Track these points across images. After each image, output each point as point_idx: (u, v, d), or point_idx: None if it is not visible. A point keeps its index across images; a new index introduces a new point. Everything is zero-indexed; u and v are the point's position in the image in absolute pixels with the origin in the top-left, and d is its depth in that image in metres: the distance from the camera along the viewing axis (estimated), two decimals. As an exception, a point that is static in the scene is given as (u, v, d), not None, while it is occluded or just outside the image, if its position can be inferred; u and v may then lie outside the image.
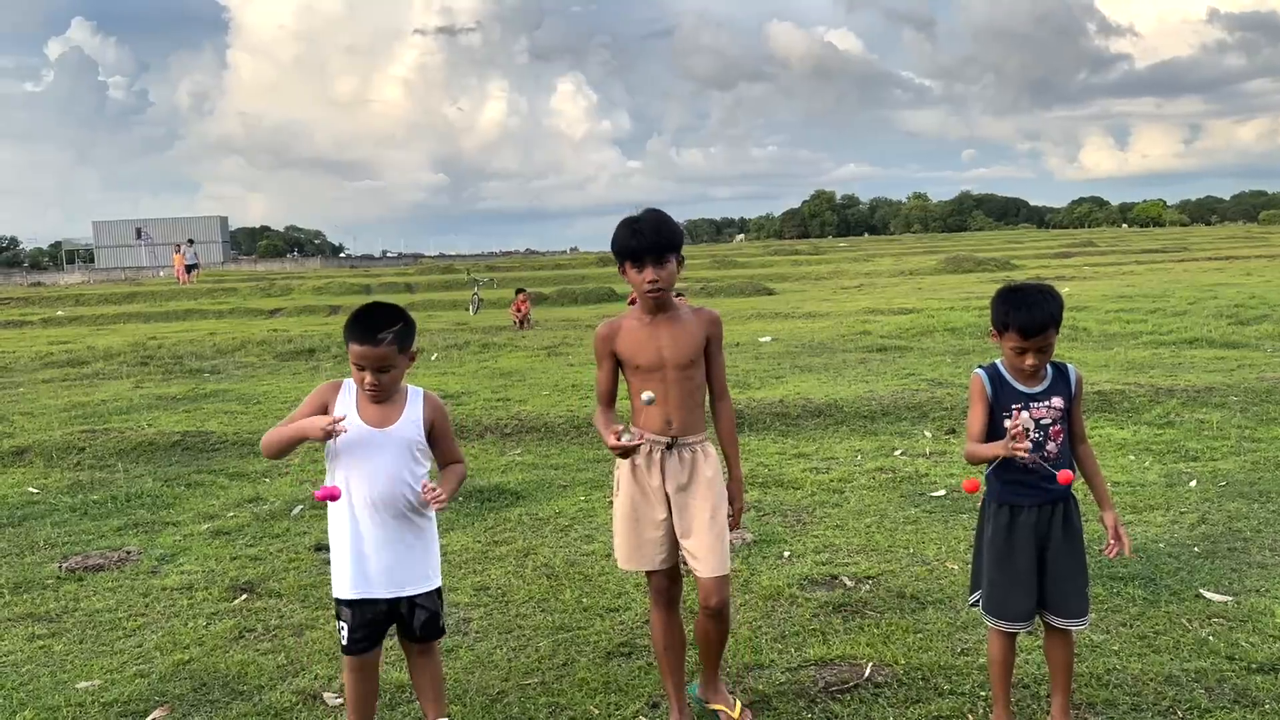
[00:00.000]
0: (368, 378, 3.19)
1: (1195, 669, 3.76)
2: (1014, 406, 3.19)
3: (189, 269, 39.37)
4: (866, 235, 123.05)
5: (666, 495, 3.36)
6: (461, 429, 8.95)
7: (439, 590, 3.38)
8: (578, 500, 6.63)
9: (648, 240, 3.23)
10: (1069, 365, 3.31)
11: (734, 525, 3.42)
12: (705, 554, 3.33)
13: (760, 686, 3.78)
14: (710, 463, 3.39)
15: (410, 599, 3.29)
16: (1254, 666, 3.76)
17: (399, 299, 24.14)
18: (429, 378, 11.90)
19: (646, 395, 3.27)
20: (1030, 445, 3.09)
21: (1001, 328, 3.19)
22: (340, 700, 3.83)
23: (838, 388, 9.96)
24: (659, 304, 3.33)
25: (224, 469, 8.00)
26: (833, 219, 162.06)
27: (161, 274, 49.30)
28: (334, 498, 3.17)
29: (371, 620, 3.27)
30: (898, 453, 7.57)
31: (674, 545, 3.42)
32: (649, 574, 3.47)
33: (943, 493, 6.37)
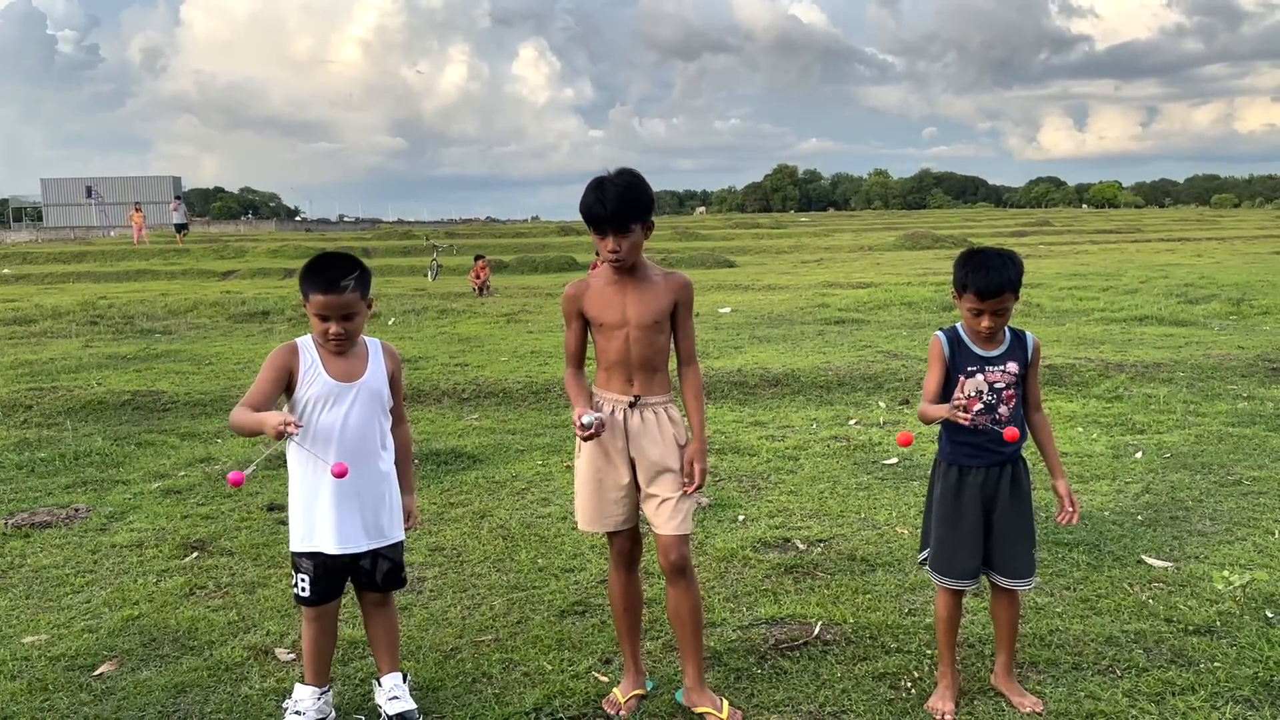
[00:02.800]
0: (332, 328, 3.13)
1: (1135, 630, 3.86)
2: (969, 369, 3.24)
3: (179, 228, 37.24)
4: (831, 210, 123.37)
5: (630, 458, 3.34)
6: (419, 393, 8.91)
7: (401, 542, 3.39)
8: (535, 464, 6.63)
9: (610, 210, 3.13)
10: (1028, 333, 3.35)
11: (697, 486, 3.33)
12: (668, 512, 3.30)
13: (712, 644, 3.82)
14: (677, 425, 3.36)
15: (374, 550, 3.28)
16: (1191, 628, 3.86)
17: (357, 263, 23.76)
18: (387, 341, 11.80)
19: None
20: (970, 417, 3.13)
21: (961, 289, 3.23)
22: (292, 655, 3.82)
23: (795, 358, 10.03)
24: (621, 270, 3.29)
25: (175, 429, 7.89)
26: (795, 193, 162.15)
27: (113, 234, 48.06)
28: (344, 474, 3.00)
29: (334, 571, 3.26)
30: (852, 422, 7.65)
31: (635, 507, 3.41)
32: (610, 536, 3.46)
33: (895, 460, 6.45)
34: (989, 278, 3.15)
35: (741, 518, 5.39)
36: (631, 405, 3.32)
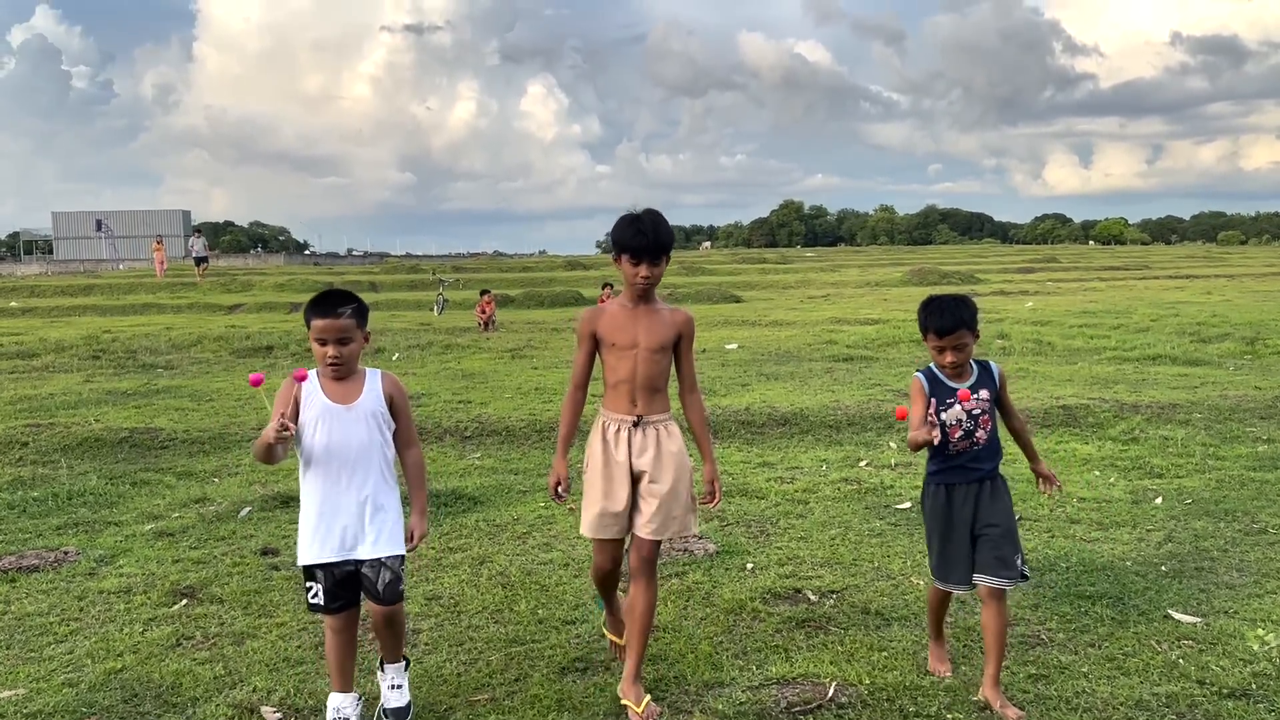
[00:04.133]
0: (329, 351, 3.41)
1: (1166, 693, 3.66)
2: (948, 401, 3.62)
3: (199, 261, 36.23)
4: (842, 245, 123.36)
5: (631, 472, 3.65)
6: (421, 431, 8.72)
7: (403, 557, 3.54)
8: (537, 507, 6.46)
9: (650, 241, 3.58)
10: (991, 362, 3.76)
11: (715, 503, 3.79)
12: (648, 515, 3.63)
13: (720, 706, 3.64)
14: (674, 439, 3.71)
15: (377, 558, 3.46)
16: (1225, 692, 3.67)
17: (363, 297, 23.75)
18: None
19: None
20: (938, 436, 3.56)
21: (924, 331, 3.66)
22: (279, 715, 3.65)
23: (803, 397, 9.86)
24: (644, 295, 3.69)
25: (172, 467, 7.74)
26: (801, 229, 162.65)
27: (122, 266, 48.06)
28: (302, 379, 3.41)
29: (342, 580, 3.47)
30: (863, 463, 7.47)
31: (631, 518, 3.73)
32: (603, 542, 3.78)
33: (908, 505, 6.26)
34: (943, 318, 3.59)
35: (750, 566, 5.20)
36: (635, 425, 3.68)
